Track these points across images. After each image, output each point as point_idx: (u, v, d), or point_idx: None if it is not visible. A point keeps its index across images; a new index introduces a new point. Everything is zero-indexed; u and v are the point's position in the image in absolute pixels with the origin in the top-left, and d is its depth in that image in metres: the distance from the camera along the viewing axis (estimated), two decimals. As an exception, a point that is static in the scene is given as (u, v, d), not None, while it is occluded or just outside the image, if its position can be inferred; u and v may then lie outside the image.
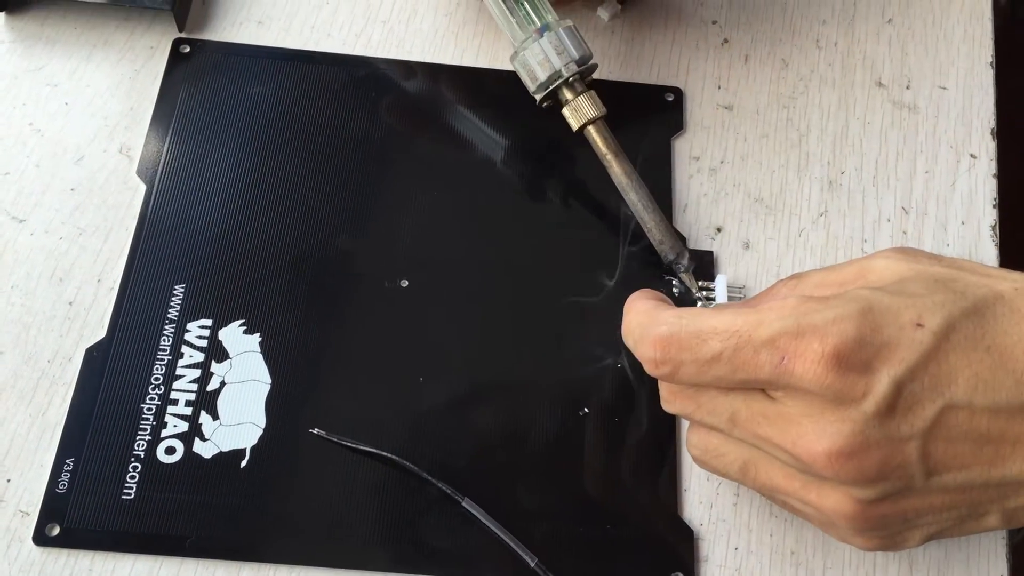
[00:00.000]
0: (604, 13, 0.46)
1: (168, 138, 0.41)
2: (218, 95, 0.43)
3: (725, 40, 0.47)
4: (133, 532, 0.34)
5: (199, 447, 0.36)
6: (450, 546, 0.35)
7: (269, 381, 0.37)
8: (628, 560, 0.35)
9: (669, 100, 0.45)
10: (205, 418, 0.36)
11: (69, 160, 0.41)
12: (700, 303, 0.39)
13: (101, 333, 0.37)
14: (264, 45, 0.44)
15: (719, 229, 0.42)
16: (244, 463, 0.36)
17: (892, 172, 0.44)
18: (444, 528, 0.35)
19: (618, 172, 0.39)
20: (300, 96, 0.43)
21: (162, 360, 0.37)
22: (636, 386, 0.38)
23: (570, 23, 0.40)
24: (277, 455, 0.36)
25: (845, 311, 0.28)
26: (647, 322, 0.31)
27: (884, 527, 0.30)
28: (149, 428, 0.36)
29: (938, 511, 0.30)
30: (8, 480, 0.35)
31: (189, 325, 0.38)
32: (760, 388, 0.30)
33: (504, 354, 0.38)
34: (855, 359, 0.28)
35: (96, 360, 0.37)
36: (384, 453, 0.36)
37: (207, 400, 0.36)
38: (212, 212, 0.40)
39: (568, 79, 0.39)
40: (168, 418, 0.36)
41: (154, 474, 0.35)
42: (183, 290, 0.38)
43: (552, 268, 0.40)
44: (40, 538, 0.34)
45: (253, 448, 0.36)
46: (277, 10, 0.45)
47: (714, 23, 0.47)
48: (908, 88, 0.46)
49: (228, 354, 0.37)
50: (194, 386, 0.37)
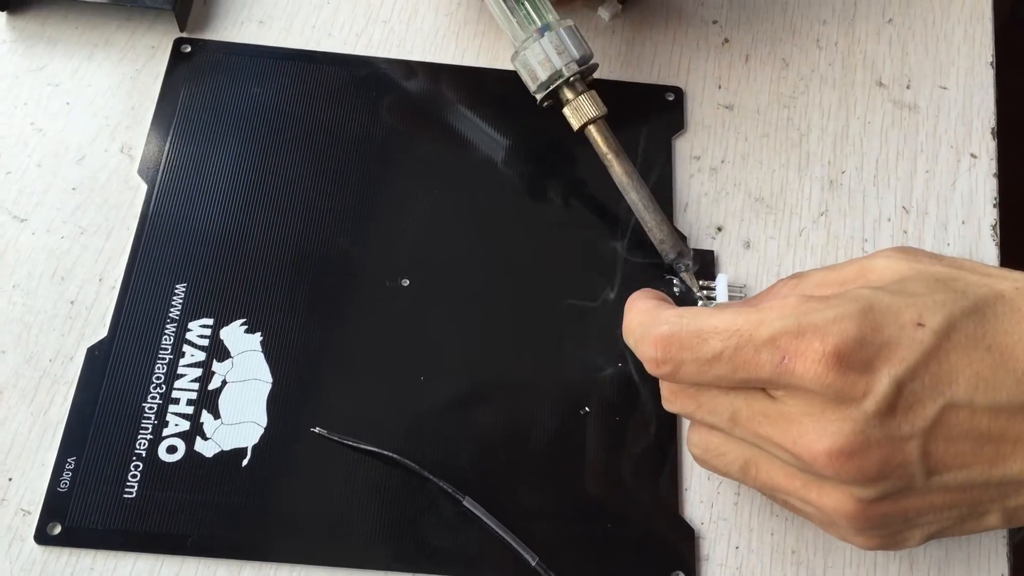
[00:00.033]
0: (605, 13, 0.46)
1: (169, 137, 0.41)
2: (219, 95, 0.43)
3: (726, 40, 0.47)
4: (134, 531, 0.34)
5: (200, 446, 0.36)
6: (451, 545, 0.35)
7: (270, 380, 0.37)
8: (629, 559, 0.35)
9: (670, 100, 0.45)
10: (206, 417, 0.36)
11: (70, 159, 0.41)
12: (701, 302, 0.39)
13: (103, 332, 0.37)
14: (265, 45, 0.44)
15: (720, 228, 0.42)
16: (245, 462, 0.36)
17: (892, 172, 0.44)
18: (445, 527, 0.35)
19: (619, 172, 0.39)
20: (301, 96, 0.43)
21: (163, 359, 0.37)
22: (637, 385, 0.38)
23: (571, 23, 0.40)
24: (278, 454, 0.36)
25: (846, 310, 0.28)
26: (648, 321, 0.31)
27: (885, 526, 0.30)
28: (150, 427, 0.36)
29: (939, 510, 0.30)
30: (10, 479, 0.35)
31: (190, 324, 0.38)
32: (761, 387, 0.30)
33: (505, 353, 0.38)
34: (856, 358, 0.28)
35: (97, 359, 0.37)
36: (385, 452, 0.36)
37: (208, 399, 0.36)
38: (213, 211, 0.40)
39: (569, 79, 0.39)
40: (169, 417, 0.36)
41: (155, 473, 0.35)
42: (184, 289, 0.38)
43: (553, 268, 0.40)
44: (41, 537, 0.34)
45: (254, 447, 0.36)
46: (278, 10, 0.45)
47: (715, 23, 0.47)
48: (908, 88, 0.46)
49: (229, 353, 0.37)
50: (195, 385, 0.37)
